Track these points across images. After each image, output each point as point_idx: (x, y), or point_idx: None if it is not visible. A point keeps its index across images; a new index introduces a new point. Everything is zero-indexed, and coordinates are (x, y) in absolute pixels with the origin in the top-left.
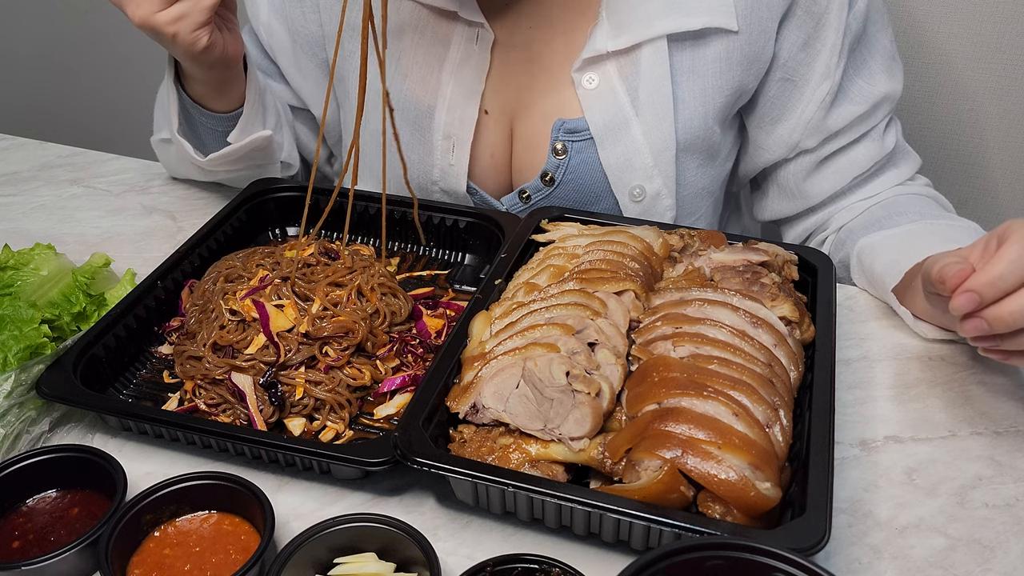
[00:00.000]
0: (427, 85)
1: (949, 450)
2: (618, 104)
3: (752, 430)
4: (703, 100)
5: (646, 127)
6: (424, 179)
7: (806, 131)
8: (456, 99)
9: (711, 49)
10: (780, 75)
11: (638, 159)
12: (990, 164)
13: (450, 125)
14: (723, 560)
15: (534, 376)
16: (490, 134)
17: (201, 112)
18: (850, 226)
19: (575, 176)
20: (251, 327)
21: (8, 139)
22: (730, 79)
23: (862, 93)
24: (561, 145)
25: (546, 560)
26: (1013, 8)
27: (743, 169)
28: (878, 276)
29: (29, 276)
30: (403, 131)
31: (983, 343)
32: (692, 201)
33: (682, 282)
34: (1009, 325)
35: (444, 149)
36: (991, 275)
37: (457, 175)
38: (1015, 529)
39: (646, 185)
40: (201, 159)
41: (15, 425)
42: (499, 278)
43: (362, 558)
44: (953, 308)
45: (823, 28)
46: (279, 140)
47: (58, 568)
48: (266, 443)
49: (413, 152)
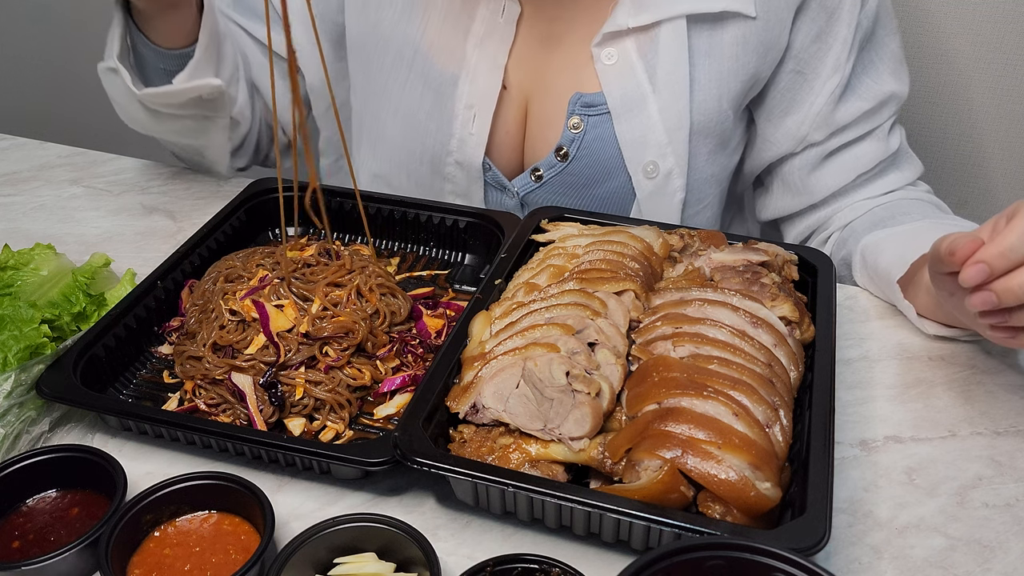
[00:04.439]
0: (452, 55)
1: (949, 450)
2: (636, 80)
3: (752, 430)
4: (718, 83)
5: (662, 104)
6: (439, 150)
7: (814, 124)
8: (480, 70)
9: (728, 34)
10: (792, 66)
11: (653, 135)
12: (989, 166)
13: (472, 95)
14: (723, 560)
15: (534, 376)
16: (507, 110)
17: (144, 43)
18: (853, 225)
19: (589, 151)
20: (251, 327)
21: (8, 139)
22: (745, 64)
23: (870, 90)
24: (577, 119)
25: (546, 560)
26: (1013, 8)
27: (749, 165)
28: (882, 270)
29: (29, 276)
30: (425, 99)
31: (991, 319)
32: (701, 187)
33: (682, 282)
34: (1018, 297)
35: (465, 119)
36: (1002, 246)
37: (475, 145)
38: (1015, 529)
39: (659, 162)
40: (138, 91)
41: (15, 425)
42: (499, 278)
43: (362, 558)
44: (962, 280)
45: (835, 22)
46: (232, 94)
47: (58, 568)
48: (266, 443)
49: (432, 121)
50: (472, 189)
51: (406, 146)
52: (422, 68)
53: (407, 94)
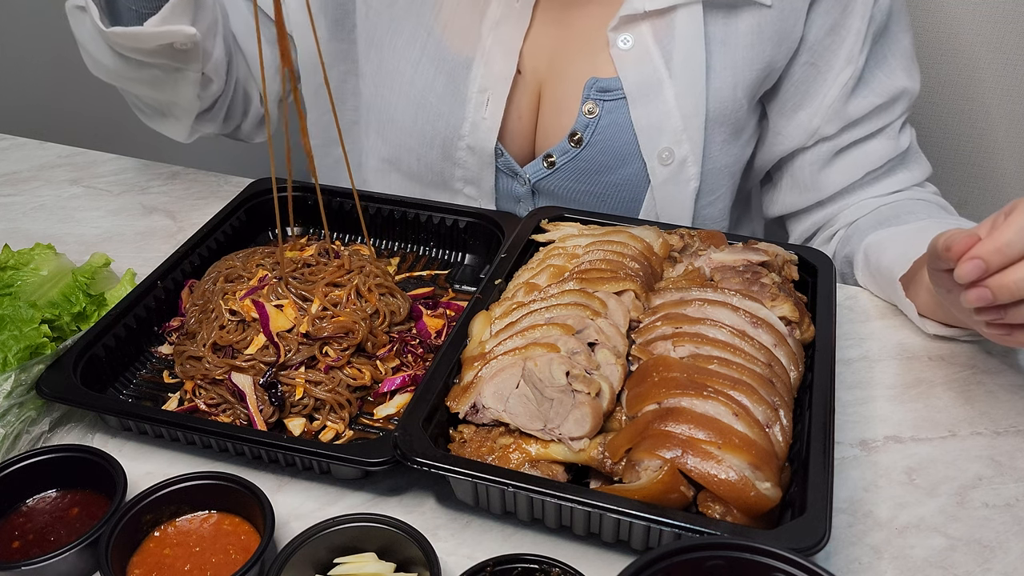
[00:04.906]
0: (467, 37)
1: (949, 450)
2: (653, 65)
3: (752, 430)
4: (733, 71)
5: (678, 90)
6: (451, 134)
7: (826, 116)
8: (495, 54)
9: (743, 22)
10: (806, 59)
11: (668, 121)
12: (989, 165)
13: (487, 79)
14: (723, 560)
15: (534, 376)
16: (520, 95)
17: None
18: (858, 223)
19: (604, 137)
20: (251, 327)
21: (8, 139)
22: (760, 53)
23: (882, 85)
24: (592, 104)
25: (546, 560)
26: (1014, 8)
27: (760, 160)
28: (885, 268)
29: (29, 276)
30: (437, 82)
31: (986, 315)
32: (714, 177)
33: (682, 282)
34: (1013, 294)
35: (478, 103)
36: (998, 242)
37: (488, 130)
38: (1015, 529)
39: (675, 148)
40: (105, 27)
41: (15, 425)
42: (499, 278)
43: (362, 558)
44: (958, 275)
45: (849, 15)
46: (207, 47)
47: (58, 568)
48: (266, 443)
49: (444, 104)
50: (483, 175)
51: (417, 129)
52: (435, 50)
53: (419, 76)
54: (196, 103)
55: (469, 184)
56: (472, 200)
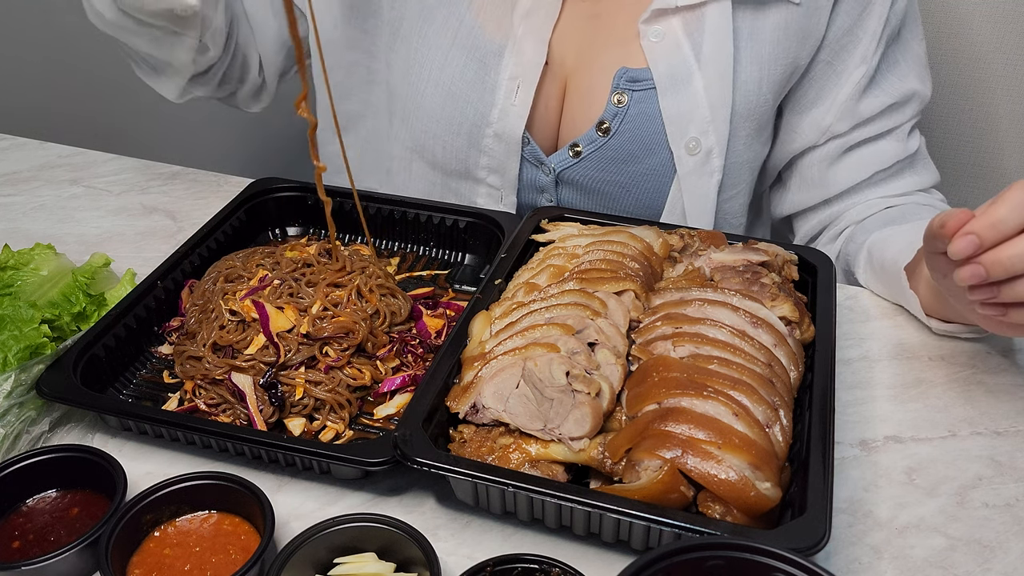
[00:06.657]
0: (499, 26)
1: (949, 450)
2: (683, 57)
3: (752, 430)
4: (759, 67)
5: (707, 82)
6: (479, 120)
7: (839, 113)
8: (526, 42)
9: (771, 19)
10: (824, 57)
11: (697, 111)
12: (993, 165)
13: (517, 67)
14: (723, 560)
15: (534, 376)
16: (548, 84)
17: None
18: (865, 223)
19: (632, 126)
20: (251, 327)
21: (8, 139)
22: (786, 50)
23: (894, 87)
24: (621, 94)
25: (546, 560)
26: (1014, 7)
27: (773, 160)
28: (890, 260)
29: (29, 276)
30: (468, 69)
31: (980, 294)
32: (736, 171)
33: (682, 282)
34: (1007, 270)
35: (508, 90)
36: (992, 218)
37: (517, 117)
38: (1015, 529)
39: (701, 139)
40: None
41: (15, 425)
42: (499, 278)
43: (362, 558)
44: (951, 251)
45: (867, 16)
46: (207, 15)
47: (58, 568)
48: (266, 443)
49: (473, 91)
50: (508, 164)
51: (444, 116)
52: (467, 38)
53: (449, 64)
54: (191, 67)
55: (493, 173)
56: (494, 191)
